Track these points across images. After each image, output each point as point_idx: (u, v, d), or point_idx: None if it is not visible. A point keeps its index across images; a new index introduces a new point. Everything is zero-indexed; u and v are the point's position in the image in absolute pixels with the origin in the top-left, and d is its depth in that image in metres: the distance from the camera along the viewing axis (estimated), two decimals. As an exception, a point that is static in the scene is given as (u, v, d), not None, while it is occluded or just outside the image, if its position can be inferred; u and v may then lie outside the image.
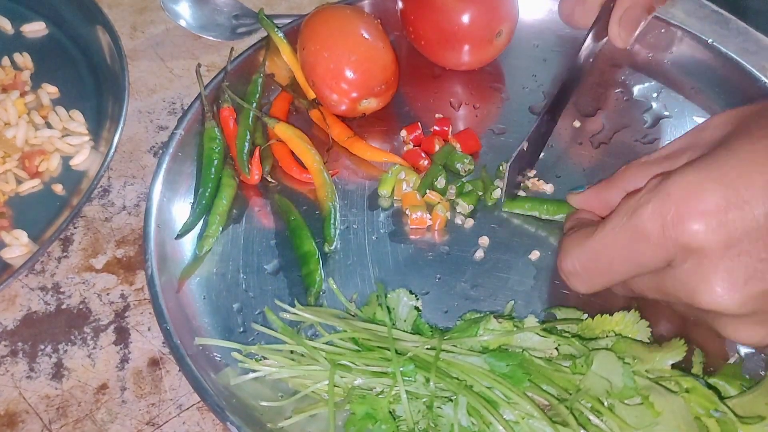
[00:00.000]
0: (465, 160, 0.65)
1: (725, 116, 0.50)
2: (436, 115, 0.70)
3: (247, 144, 0.65)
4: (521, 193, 0.64)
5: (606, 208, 0.56)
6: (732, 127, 0.48)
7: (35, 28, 0.80)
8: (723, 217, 0.43)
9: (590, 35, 0.67)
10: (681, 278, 0.45)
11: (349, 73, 0.64)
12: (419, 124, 0.69)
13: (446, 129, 0.68)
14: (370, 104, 0.67)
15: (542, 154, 0.66)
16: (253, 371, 0.52)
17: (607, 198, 0.56)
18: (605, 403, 0.47)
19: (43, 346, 0.57)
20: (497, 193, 0.64)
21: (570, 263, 0.52)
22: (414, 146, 0.68)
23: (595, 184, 0.58)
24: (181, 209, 0.63)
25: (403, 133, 0.69)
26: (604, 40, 0.69)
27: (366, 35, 0.65)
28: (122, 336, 0.58)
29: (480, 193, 0.64)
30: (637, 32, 0.68)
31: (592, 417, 0.47)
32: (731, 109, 0.51)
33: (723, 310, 0.44)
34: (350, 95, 0.66)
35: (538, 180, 0.65)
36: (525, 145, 0.62)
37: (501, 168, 0.66)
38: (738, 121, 0.49)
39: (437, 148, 0.67)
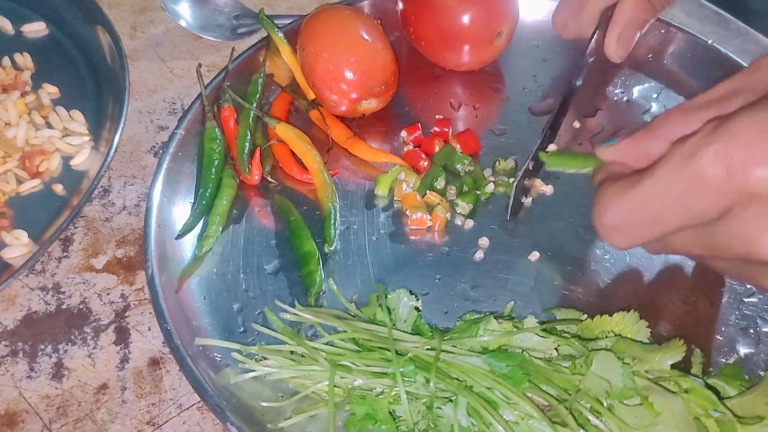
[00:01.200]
0: (465, 161, 0.65)
1: None
2: (437, 116, 0.70)
3: (247, 144, 0.65)
4: (527, 201, 0.64)
5: (646, 159, 0.50)
6: None
7: (35, 28, 0.80)
8: None
9: (587, 52, 0.67)
10: (740, 227, 0.41)
11: (348, 74, 0.65)
12: (419, 124, 0.69)
13: (446, 130, 0.68)
14: (370, 105, 0.68)
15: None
16: (253, 371, 0.52)
17: (647, 148, 0.50)
18: (605, 404, 0.47)
19: (43, 346, 0.57)
20: (490, 188, 0.64)
21: (611, 216, 0.47)
22: (414, 147, 0.68)
23: (631, 135, 0.52)
24: (182, 209, 0.63)
25: (403, 133, 0.69)
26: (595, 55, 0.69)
27: (365, 36, 0.65)
28: (122, 336, 0.58)
29: (477, 192, 0.64)
30: (631, 48, 0.68)
31: (591, 417, 0.47)
32: None
33: None
34: (350, 96, 0.66)
35: (539, 182, 0.65)
36: (530, 164, 0.62)
37: (497, 164, 0.66)
38: None
39: (437, 149, 0.67)
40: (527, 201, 0.64)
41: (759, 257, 0.41)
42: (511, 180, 0.65)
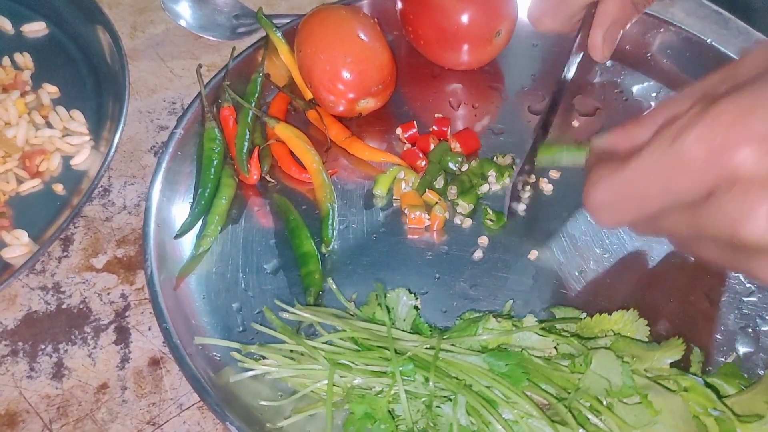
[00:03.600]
0: (458, 158, 0.65)
1: (763, 50, 0.46)
2: (436, 115, 0.70)
3: (246, 144, 0.65)
4: (521, 207, 0.64)
5: (635, 146, 0.50)
6: None
7: (35, 28, 0.80)
8: None
9: (573, 50, 0.67)
10: (723, 208, 0.42)
11: (345, 74, 0.65)
12: (414, 122, 0.69)
13: (445, 129, 0.68)
14: (368, 104, 0.68)
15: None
16: (252, 370, 0.52)
17: (636, 135, 0.51)
18: (604, 402, 0.47)
19: (43, 346, 0.57)
20: (485, 188, 0.64)
21: (600, 194, 0.48)
22: (410, 145, 0.68)
23: (622, 124, 0.53)
24: (181, 209, 0.63)
25: (399, 131, 0.69)
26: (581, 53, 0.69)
27: (362, 36, 0.65)
28: (123, 336, 0.58)
29: (478, 193, 0.64)
30: (615, 46, 0.68)
31: (590, 416, 0.47)
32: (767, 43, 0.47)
33: (767, 241, 0.41)
34: (347, 96, 0.66)
35: (542, 180, 0.65)
36: (524, 166, 0.62)
37: (495, 158, 0.67)
38: None
39: (432, 146, 0.67)
40: (522, 203, 0.64)
41: (742, 238, 0.41)
42: (508, 180, 0.65)
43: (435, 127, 0.68)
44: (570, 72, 0.67)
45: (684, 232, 0.47)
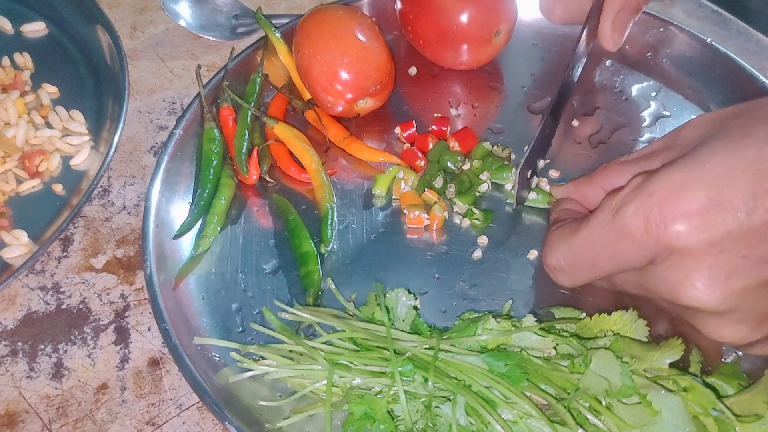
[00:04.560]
0: (457, 158, 0.65)
1: (702, 118, 0.51)
2: (435, 114, 0.70)
3: (245, 144, 0.65)
4: (532, 195, 0.64)
5: (585, 202, 0.58)
6: (710, 128, 0.49)
7: (35, 28, 0.80)
8: (706, 217, 0.43)
9: (583, 37, 0.66)
10: (663, 275, 0.46)
11: (343, 75, 0.64)
12: (413, 122, 0.69)
13: (444, 129, 0.68)
14: (367, 104, 0.68)
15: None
16: (251, 370, 0.52)
17: (585, 193, 0.57)
18: (603, 403, 0.47)
19: (43, 346, 0.57)
20: (484, 187, 0.64)
21: (555, 259, 0.52)
22: (409, 145, 0.68)
23: (576, 179, 0.59)
24: (180, 209, 0.63)
25: (397, 130, 0.69)
26: (592, 42, 0.68)
27: (359, 36, 0.65)
28: (122, 336, 0.58)
29: (477, 193, 0.64)
30: (627, 34, 0.67)
31: (590, 416, 0.47)
32: (708, 113, 0.52)
33: (704, 306, 0.45)
34: (345, 96, 0.66)
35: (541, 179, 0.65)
36: (532, 148, 0.62)
37: (495, 148, 0.67)
38: (715, 123, 0.49)
39: (431, 146, 0.67)
40: (532, 192, 0.64)
41: (681, 302, 0.46)
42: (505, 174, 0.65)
43: (434, 127, 0.68)
44: (579, 64, 0.66)
45: (634, 292, 0.52)
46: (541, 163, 0.65)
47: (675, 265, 0.45)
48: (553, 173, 0.66)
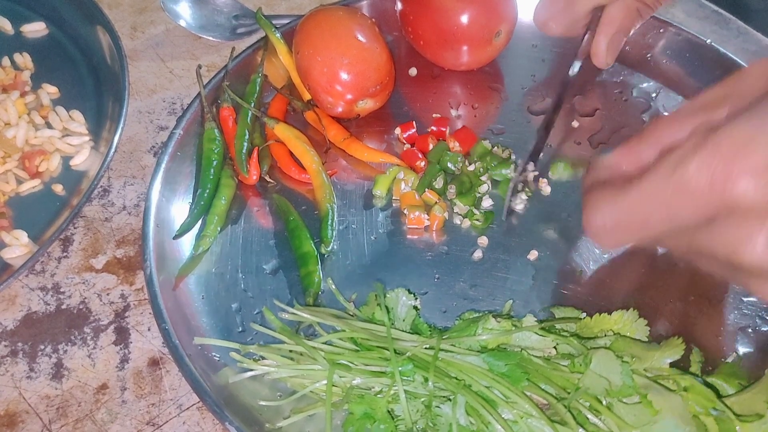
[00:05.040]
0: (458, 159, 0.65)
1: (764, 67, 0.47)
2: (434, 115, 0.70)
3: (245, 144, 0.65)
4: (522, 198, 0.64)
5: (638, 164, 0.52)
6: None
7: (35, 28, 0.80)
8: None
9: (578, 55, 0.67)
10: (723, 234, 0.43)
11: (342, 76, 0.64)
12: (413, 122, 0.69)
13: (443, 129, 0.68)
14: (366, 105, 0.68)
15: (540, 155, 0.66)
16: (251, 370, 0.52)
17: (640, 153, 0.52)
18: (604, 402, 0.47)
19: (43, 346, 0.57)
20: (484, 188, 0.64)
21: (601, 219, 0.49)
22: (409, 145, 0.68)
23: (625, 142, 0.53)
24: (180, 209, 0.63)
25: (398, 130, 0.69)
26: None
27: (359, 37, 0.65)
28: (122, 336, 0.58)
29: (478, 194, 0.64)
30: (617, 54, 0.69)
31: (590, 416, 0.47)
32: None
33: (766, 267, 0.42)
34: (345, 97, 0.66)
35: (542, 181, 0.65)
36: (527, 164, 0.63)
37: (495, 149, 0.67)
38: None
39: (431, 146, 0.67)
40: (520, 202, 0.64)
41: (741, 263, 0.43)
42: (509, 172, 0.66)
43: (433, 127, 0.68)
44: (574, 73, 0.67)
45: (685, 252, 0.48)
46: (530, 176, 0.65)
47: (738, 223, 0.42)
48: (553, 175, 0.66)
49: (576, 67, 0.66)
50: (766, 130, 0.41)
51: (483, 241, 0.62)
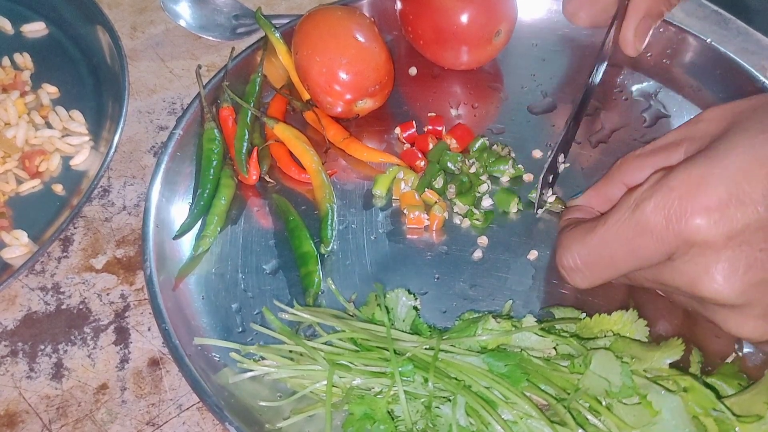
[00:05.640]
0: (458, 158, 0.65)
1: (719, 110, 0.51)
2: (429, 114, 0.70)
3: (245, 144, 0.65)
4: (551, 198, 0.64)
5: (607, 203, 0.57)
6: (728, 122, 0.49)
7: (35, 28, 0.80)
8: (725, 211, 0.44)
9: (606, 42, 0.67)
10: (682, 269, 0.47)
11: (341, 76, 0.64)
12: (413, 122, 0.69)
13: (439, 128, 0.68)
14: (366, 105, 0.68)
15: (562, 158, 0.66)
16: (251, 370, 0.52)
17: (607, 193, 0.57)
18: (603, 403, 0.47)
19: (43, 346, 0.57)
20: (483, 188, 0.64)
21: (570, 259, 0.52)
22: (409, 145, 0.68)
23: (594, 184, 0.59)
24: (180, 209, 0.63)
25: (397, 130, 0.69)
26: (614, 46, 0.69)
27: (358, 36, 0.65)
28: (122, 336, 0.58)
29: (478, 194, 0.64)
30: (647, 40, 0.69)
31: (590, 416, 0.47)
32: (725, 104, 0.52)
33: (723, 299, 0.46)
34: (344, 97, 0.66)
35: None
36: (557, 157, 0.63)
37: (495, 147, 0.67)
38: (733, 116, 0.50)
39: (431, 146, 0.67)
40: (551, 196, 0.64)
41: (702, 295, 0.46)
42: (504, 179, 0.66)
43: (429, 126, 0.68)
44: (602, 67, 0.67)
45: (653, 286, 0.52)
46: (561, 167, 0.65)
47: (694, 259, 0.46)
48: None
49: (603, 64, 0.67)
50: (715, 171, 0.45)
51: (483, 240, 0.62)
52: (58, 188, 0.67)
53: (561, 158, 0.64)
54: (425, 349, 0.50)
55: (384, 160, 0.66)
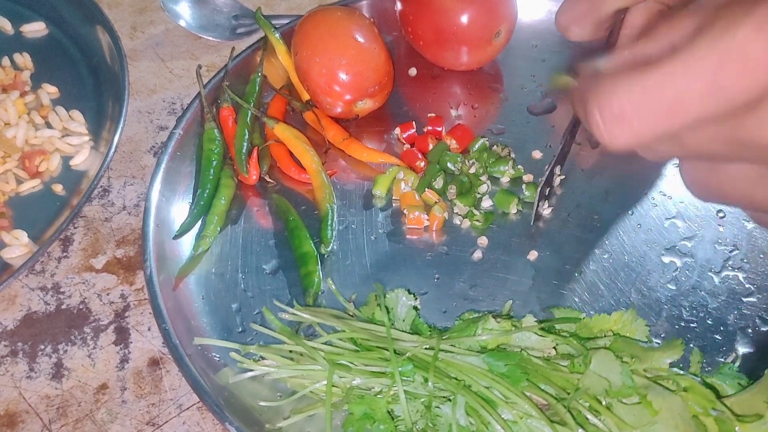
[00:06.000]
0: (457, 158, 0.65)
1: None
2: (429, 114, 0.70)
3: (245, 144, 0.65)
4: (547, 210, 0.63)
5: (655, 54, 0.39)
6: None
7: (35, 28, 0.80)
8: None
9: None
10: None
11: (341, 77, 0.64)
12: (413, 122, 0.69)
13: (439, 129, 0.68)
14: (366, 105, 0.68)
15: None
16: (251, 370, 0.52)
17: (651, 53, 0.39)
18: (603, 403, 0.47)
19: (43, 346, 0.57)
20: (483, 188, 0.64)
21: (617, 102, 0.37)
22: (409, 145, 0.68)
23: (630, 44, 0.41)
24: (180, 209, 0.63)
25: (397, 130, 0.69)
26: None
27: (357, 37, 0.65)
28: (122, 336, 0.58)
29: (478, 194, 0.64)
30: None
31: (590, 416, 0.47)
32: None
33: None
34: (344, 98, 0.66)
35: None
36: (555, 168, 0.62)
37: (495, 147, 0.67)
38: None
39: (431, 146, 0.67)
40: (547, 208, 0.63)
41: None
42: (504, 180, 0.66)
43: (429, 127, 0.68)
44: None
45: (715, 147, 0.38)
46: (557, 180, 0.65)
47: None
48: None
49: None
50: None
51: (483, 241, 0.62)
52: (58, 188, 0.67)
53: (557, 170, 0.64)
54: (425, 349, 0.50)
55: (384, 160, 0.66)
